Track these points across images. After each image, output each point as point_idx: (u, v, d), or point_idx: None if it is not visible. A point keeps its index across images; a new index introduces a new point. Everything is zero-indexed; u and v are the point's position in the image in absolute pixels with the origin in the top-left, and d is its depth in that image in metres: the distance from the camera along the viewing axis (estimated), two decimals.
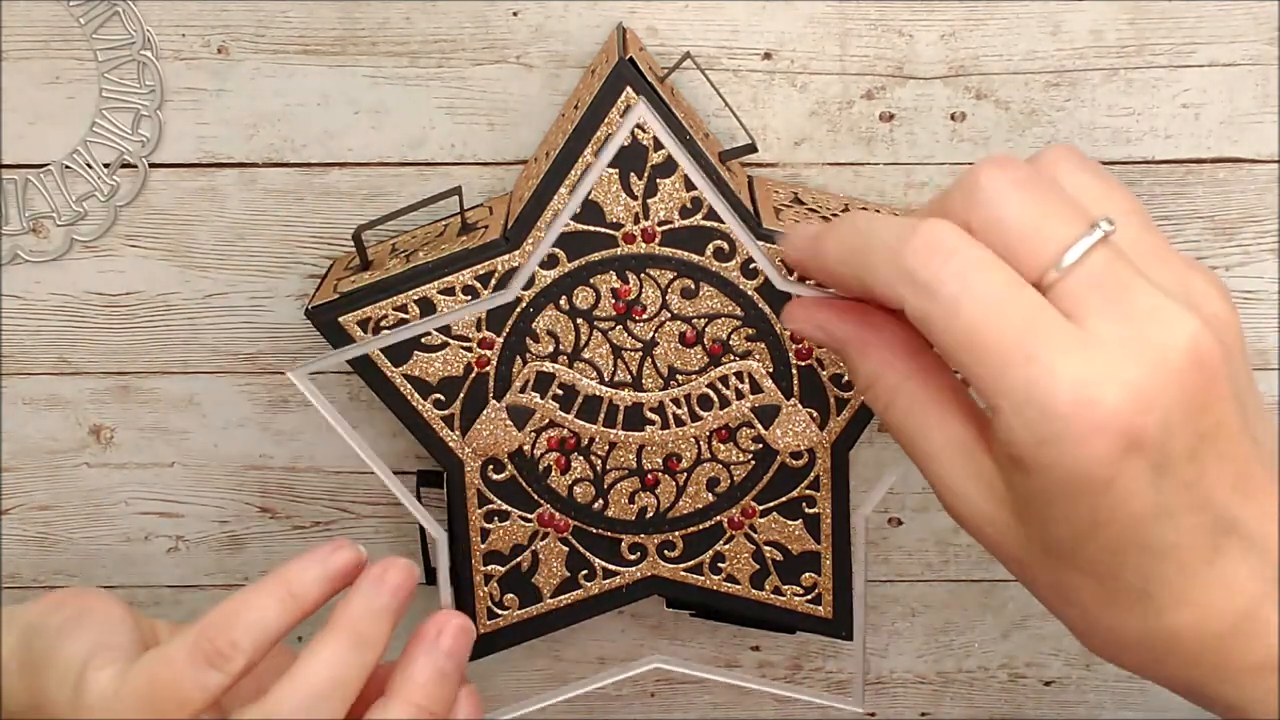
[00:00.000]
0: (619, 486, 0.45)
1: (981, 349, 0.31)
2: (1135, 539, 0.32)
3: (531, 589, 0.46)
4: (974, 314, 0.31)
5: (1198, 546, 0.32)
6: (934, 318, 0.32)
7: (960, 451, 0.34)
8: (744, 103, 0.45)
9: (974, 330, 0.31)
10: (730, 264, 0.42)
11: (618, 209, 0.41)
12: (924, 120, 0.45)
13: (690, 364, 0.43)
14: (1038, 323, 0.31)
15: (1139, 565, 0.32)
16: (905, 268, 0.32)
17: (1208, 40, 0.44)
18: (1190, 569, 0.32)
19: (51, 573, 0.52)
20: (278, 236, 0.47)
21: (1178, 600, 0.32)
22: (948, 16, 0.44)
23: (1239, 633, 0.32)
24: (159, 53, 0.44)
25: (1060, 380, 0.30)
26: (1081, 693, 0.55)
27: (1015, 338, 0.31)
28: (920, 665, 0.54)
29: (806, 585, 0.46)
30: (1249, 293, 0.47)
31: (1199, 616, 0.33)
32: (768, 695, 0.54)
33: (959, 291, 0.31)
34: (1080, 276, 0.31)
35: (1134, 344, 0.30)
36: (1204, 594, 0.32)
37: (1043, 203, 0.32)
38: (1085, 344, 0.31)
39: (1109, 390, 0.30)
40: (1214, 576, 0.32)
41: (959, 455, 0.34)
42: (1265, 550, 0.32)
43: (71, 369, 0.48)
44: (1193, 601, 0.32)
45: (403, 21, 0.44)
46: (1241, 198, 0.46)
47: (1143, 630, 0.33)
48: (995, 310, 0.31)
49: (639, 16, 0.44)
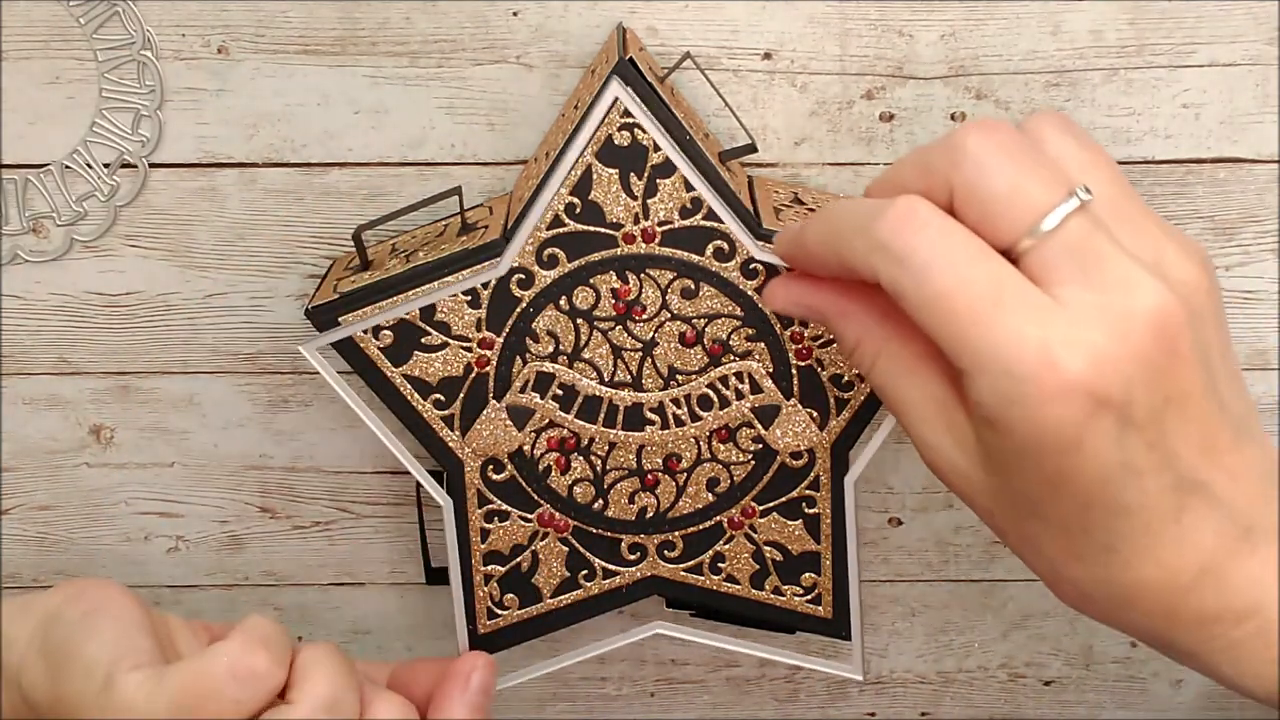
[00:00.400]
0: (619, 486, 0.45)
1: (950, 314, 0.32)
2: (1100, 497, 0.33)
3: (531, 589, 0.46)
4: (943, 281, 0.32)
5: (1162, 506, 0.33)
6: (905, 286, 0.33)
7: (937, 407, 0.36)
8: (744, 103, 0.45)
9: (943, 296, 0.32)
10: (730, 264, 0.42)
11: (618, 209, 0.41)
12: (924, 120, 0.45)
13: (690, 364, 0.43)
14: (1005, 289, 0.32)
15: (1104, 522, 0.33)
16: (878, 240, 0.33)
17: (1208, 40, 0.44)
18: (1154, 527, 0.33)
19: (51, 573, 0.52)
20: (278, 236, 0.47)
21: (1141, 557, 0.34)
22: (948, 16, 0.44)
23: (1198, 586, 0.34)
24: (159, 53, 0.44)
25: (1026, 344, 0.31)
26: (1081, 693, 0.55)
27: (982, 304, 0.32)
28: (920, 665, 0.54)
29: (806, 585, 0.46)
30: (1249, 293, 0.47)
31: (1161, 572, 0.34)
32: (768, 695, 0.54)
33: (929, 259, 0.32)
34: (1055, 244, 0.32)
35: (1100, 310, 0.32)
36: (1167, 551, 0.33)
37: (1024, 168, 0.33)
38: (1051, 310, 0.32)
39: (1073, 353, 0.31)
40: (1177, 535, 0.33)
41: (936, 411, 0.36)
42: (1229, 508, 0.34)
43: (71, 369, 0.48)
44: (1156, 559, 0.34)
45: (403, 21, 0.44)
46: (1241, 198, 0.46)
47: (1107, 582, 0.34)
48: (964, 277, 0.32)
49: (639, 16, 0.44)
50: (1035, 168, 0.33)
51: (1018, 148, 0.33)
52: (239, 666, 0.35)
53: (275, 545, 0.51)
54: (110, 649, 0.36)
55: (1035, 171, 0.32)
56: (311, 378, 0.48)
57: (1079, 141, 0.35)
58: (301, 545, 0.51)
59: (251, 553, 0.52)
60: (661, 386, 0.44)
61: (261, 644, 0.36)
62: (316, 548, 0.51)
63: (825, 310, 0.38)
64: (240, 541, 0.51)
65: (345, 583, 0.52)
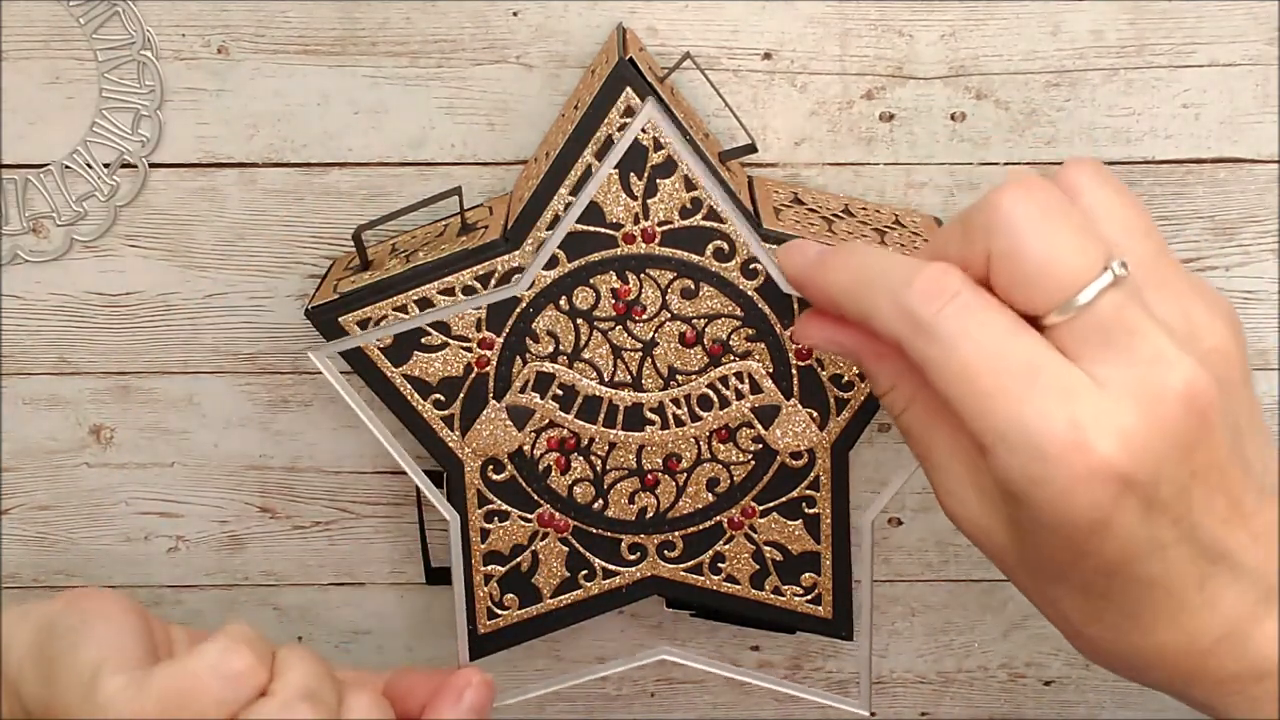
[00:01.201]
0: (619, 487, 0.45)
1: (976, 391, 0.32)
2: (1123, 570, 0.33)
3: (531, 589, 0.46)
4: (970, 356, 0.32)
5: (1185, 576, 0.33)
6: (931, 357, 0.32)
7: (965, 466, 0.35)
8: (744, 103, 0.45)
9: (969, 371, 0.32)
10: (730, 264, 0.42)
11: (618, 209, 0.41)
12: (924, 120, 0.45)
13: (690, 364, 0.43)
14: (1034, 366, 0.31)
15: (1126, 590, 0.33)
16: (906, 307, 0.32)
17: (1208, 40, 0.44)
18: (1176, 596, 0.33)
19: (51, 573, 0.52)
20: (278, 236, 0.47)
21: (1163, 624, 0.33)
22: (948, 16, 0.44)
23: (1218, 650, 0.33)
24: (159, 53, 0.44)
25: (1054, 424, 0.31)
26: (1081, 693, 0.55)
27: (1010, 380, 0.31)
28: (920, 665, 0.54)
29: (806, 585, 0.46)
30: (1249, 293, 0.47)
31: (1182, 638, 0.34)
32: (768, 695, 0.54)
33: (957, 333, 0.32)
34: (1088, 319, 0.32)
35: (1131, 388, 0.31)
36: (1189, 618, 0.33)
37: (1060, 235, 0.32)
38: (1081, 388, 0.31)
39: (1103, 435, 0.31)
40: (1200, 603, 0.33)
41: (964, 469, 0.35)
42: (1252, 573, 0.33)
43: (71, 369, 0.48)
44: (1178, 625, 0.33)
45: (403, 21, 0.44)
46: (1241, 198, 0.46)
47: (1127, 645, 0.34)
48: (992, 353, 0.32)
49: (639, 16, 0.44)
50: (1072, 234, 0.32)
51: (1055, 210, 0.32)
52: (222, 666, 0.35)
53: (275, 545, 0.51)
54: (99, 652, 0.36)
55: (1071, 240, 0.32)
56: (312, 378, 0.48)
57: (1115, 194, 0.34)
58: (301, 545, 0.51)
59: (251, 553, 0.52)
60: (661, 387, 0.44)
61: (245, 643, 0.36)
62: (316, 548, 0.51)
63: (859, 351, 0.37)
64: (240, 541, 0.51)
65: (345, 583, 0.52)
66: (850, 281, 0.35)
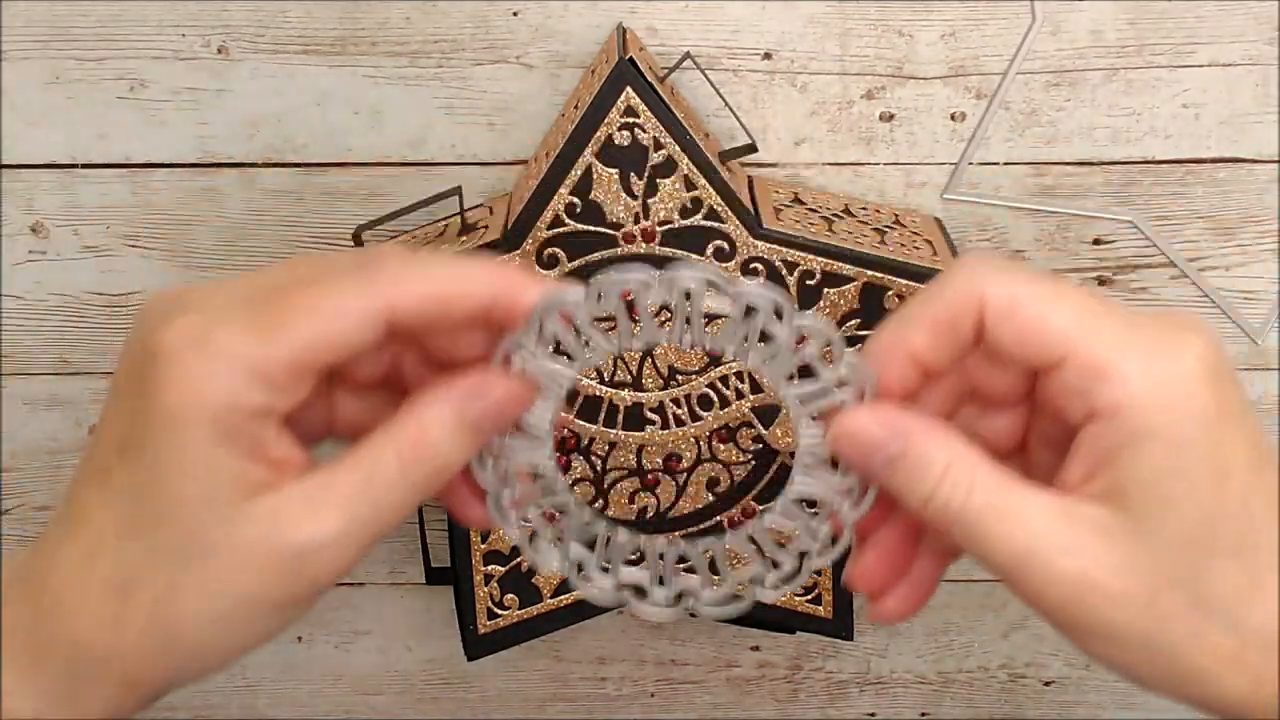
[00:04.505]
0: (619, 486, 0.45)
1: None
2: (1257, 493, 0.31)
3: (531, 589, 0.46)
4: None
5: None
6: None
7: (1061, 513, 0.32)
8: (744, 103, 0.45)
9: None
10: (730, 264, 0.42)
11: (618, 209, 0.41)
12: (924, 120, 0.45)
13: (690, 364, 0.43)
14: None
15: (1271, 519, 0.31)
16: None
17: (1208, 40, 0.44)
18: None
19: None
20: (278, 236, 0.47)
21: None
22: (948, 16, 0.44)
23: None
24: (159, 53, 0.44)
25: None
26: (1081, 693, 0.55)
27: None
28: (920, 665, 0.54)
29: (806, 585, 0.46)
30: (1249, 293, 0.47)
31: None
32: (768, 695, 0.54)
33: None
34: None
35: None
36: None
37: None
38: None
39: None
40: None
41: (1065, 517, 0.32)
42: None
43: (71, 369, 0.48)
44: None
45: (403, 21, 0.44)
46: (1241, 198, 0.46)
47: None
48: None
49: (639, 16, 0.44)
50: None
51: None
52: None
53: None
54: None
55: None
56: None
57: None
58: None
59: None
60: (661, 386, 0.44)
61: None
62: None
63: (909, 431, 0.34)
64: None
65: (345, 583, 0.52)
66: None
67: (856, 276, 0.42)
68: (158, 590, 0.32)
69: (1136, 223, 0.46)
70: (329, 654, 0.53)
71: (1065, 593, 0.32)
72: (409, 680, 0.54)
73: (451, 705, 0.55)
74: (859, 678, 0.54)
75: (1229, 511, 0.31)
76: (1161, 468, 0.31)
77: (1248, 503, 0.31)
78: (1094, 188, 0.46)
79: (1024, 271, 0.33)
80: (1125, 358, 0.31)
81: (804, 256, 0.42)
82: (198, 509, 0.31)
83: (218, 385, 0.31)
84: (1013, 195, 0.46)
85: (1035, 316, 0.33)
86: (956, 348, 0.34)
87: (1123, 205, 0.46)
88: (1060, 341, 0.32)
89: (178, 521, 0.32)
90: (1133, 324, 0.32)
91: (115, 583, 0.32)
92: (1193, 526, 0.31)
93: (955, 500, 0.33)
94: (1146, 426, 0.31)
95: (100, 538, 0.32)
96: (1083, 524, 0.32)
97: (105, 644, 0.32)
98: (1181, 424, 0.31)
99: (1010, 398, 0.36)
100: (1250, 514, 0.31)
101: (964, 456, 0.33)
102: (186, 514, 0.31)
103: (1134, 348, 0.31)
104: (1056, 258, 0.47)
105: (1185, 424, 0.31)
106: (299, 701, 0.55)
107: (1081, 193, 0.46)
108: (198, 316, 0.31)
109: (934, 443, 0.33)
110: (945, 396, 0.37)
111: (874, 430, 0.34)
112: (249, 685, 0.54)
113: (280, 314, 0.32)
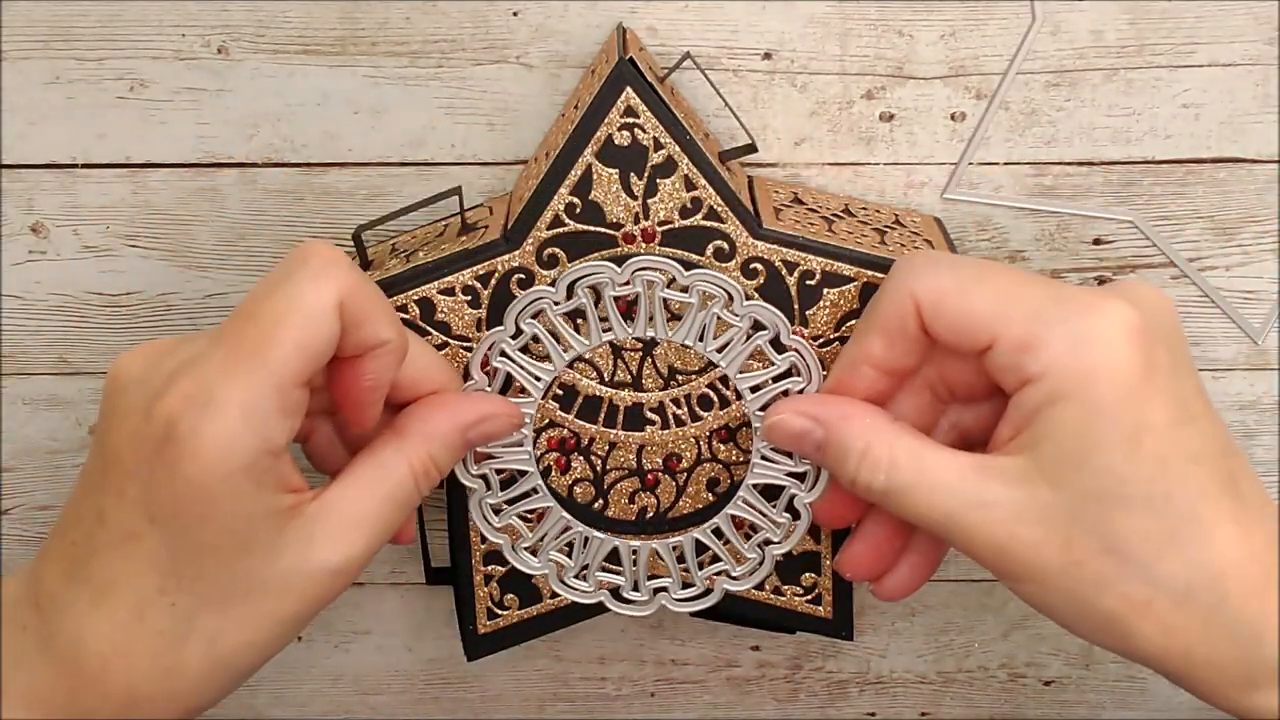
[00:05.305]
0: (619, 486, 0.45)
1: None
2: (1176, 449, 0.33)
3: (531, 589, 0.46)
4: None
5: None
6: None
7: (975, 468, 0.35)
8: (744, 103, 0.45)
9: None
10: (730, 264, 0.42)
11: (618, 209, 0.41)
12: (924, 120, 0.45)
13: (690, 364, 0.43)
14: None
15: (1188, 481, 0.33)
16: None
17: (1208, 40, 0.44)
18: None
19: None
20: (278, 236, 0.47)
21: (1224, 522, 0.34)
22: (948, 16, 0.44)
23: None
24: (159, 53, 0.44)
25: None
26: (1081, 693, 0.55)
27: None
28: (920, 665, 0.54)
29: (806, 585, 0.46)
30: (1249, 293, 0.47)
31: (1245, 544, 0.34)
32: (768, 695, 0.54)
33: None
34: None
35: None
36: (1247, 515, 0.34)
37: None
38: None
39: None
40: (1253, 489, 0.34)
41: (977, 473, 0.34)
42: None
43: (71, 369, 0.48)
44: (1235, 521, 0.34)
45: (403, 21, 0.44)
46: (1241, 198, 0.46)
47: (1201, 567, 0.33)
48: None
49: (639, 16, 0.44)
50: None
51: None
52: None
53: None
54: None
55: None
56: None
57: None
58: None
59: None
60: (661, 386, 0.44)
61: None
62: None
63: (826, 418, 0.38)
64: None
65: None
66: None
67: (856, 276, 0.42)
68: (210, 632, 0.34)
69: (1136, 223, 0.46)
70: (329, 654, 0.54)
71: (986, 541, 0.34)
72: (409, 680, 0.54)
73: (451, 705, 0.55)
74: (859, 678, 0.54)
75: (1142, 469, 0.32)
76: (1074, 426, 0.33)
77: (1165, 460, 0.32)
78: (1094, 188, 0.46)
79: (949, 263, 0.35)
80: (1047, 328, 0.33)
81: (804, 256, 0.42)
82: (239, 555, 0.34)
83: (239, 445, 0.33)
84: (1013, 195, 0.46)
85: (961, 305, 0.35)
86: (912, 348, 0.36)
87: (1123, 205, 0.46)
88: (987, 324, 0.34)
89: (222, 569, 0.34)
90: (1058, 296, 0.34)
91: (169, 635, 0.33)
92: (1103, 480, 0.33)
93: (877, 478, 0.36)
94: (1063, 389, 0.33)
95: (143, 598, 0.34)
96: (994, 475, 0.34)
97: (165, 692, 0.34)
98: (1096, 385, 0.32)
99: (980, 388, 0.37)
100: (1166, 469, 0.33)
101: (882, 435, 0.35)
102: (230, 561, 0.34)
103: (1056, 318, 0.33)
104: (1056, 258, 0.47)
105: (1100, 385, 0.32)
106: (298, 701, 0.55)
107: (1081, 193, 0.46)
108: (189, 380, 0.33)
109: (851, 427, 0.36)
110: (923, 396, 0.38)
111: (795, 421, 0.37)
112: (248, 685, 0.54)
113: (252, 334, 0.33)
